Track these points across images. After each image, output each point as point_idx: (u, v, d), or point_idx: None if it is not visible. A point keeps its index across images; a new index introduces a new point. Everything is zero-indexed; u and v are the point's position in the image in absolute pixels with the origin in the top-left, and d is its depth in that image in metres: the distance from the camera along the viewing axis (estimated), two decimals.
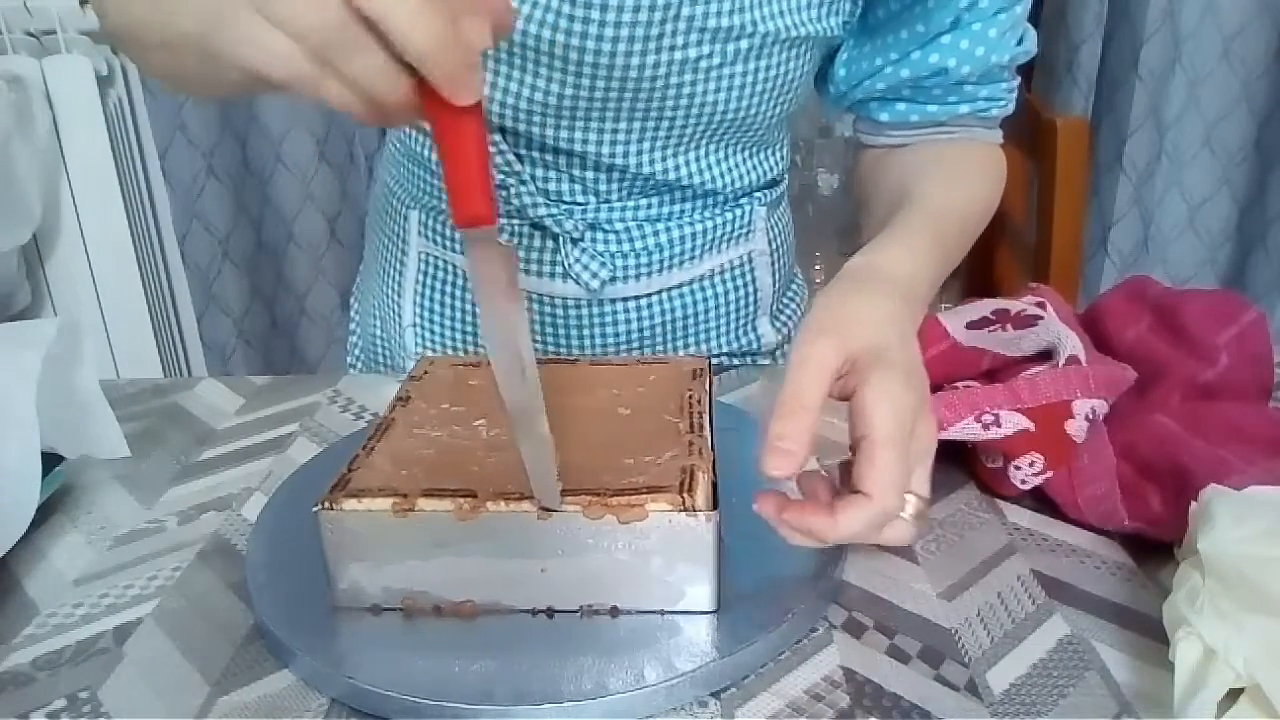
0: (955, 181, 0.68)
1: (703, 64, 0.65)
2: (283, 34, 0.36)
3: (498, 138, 0.70)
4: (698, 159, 0.72)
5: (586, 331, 0.76)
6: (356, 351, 0.92)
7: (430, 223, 0.77)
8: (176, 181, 1.61)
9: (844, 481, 0.47)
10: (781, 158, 0.79)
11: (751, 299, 0.81)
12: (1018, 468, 0.56)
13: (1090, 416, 0.56)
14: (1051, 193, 1.33)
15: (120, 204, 1.60)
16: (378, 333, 0.86)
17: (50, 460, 0.58)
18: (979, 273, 1.48)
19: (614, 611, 0.47)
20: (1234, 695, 0.40)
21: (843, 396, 0.47)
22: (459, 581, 0.46)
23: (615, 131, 0.68)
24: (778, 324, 0.84)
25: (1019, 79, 0.72)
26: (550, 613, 0.47)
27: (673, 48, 0.63)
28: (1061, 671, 0.44)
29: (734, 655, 0.44)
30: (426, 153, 0.74)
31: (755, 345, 0.83)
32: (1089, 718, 0.42)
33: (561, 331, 0.76)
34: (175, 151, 1.60)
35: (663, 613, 0.46)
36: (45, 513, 0.58)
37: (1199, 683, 0.39)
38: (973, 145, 0.73)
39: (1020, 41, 0.68)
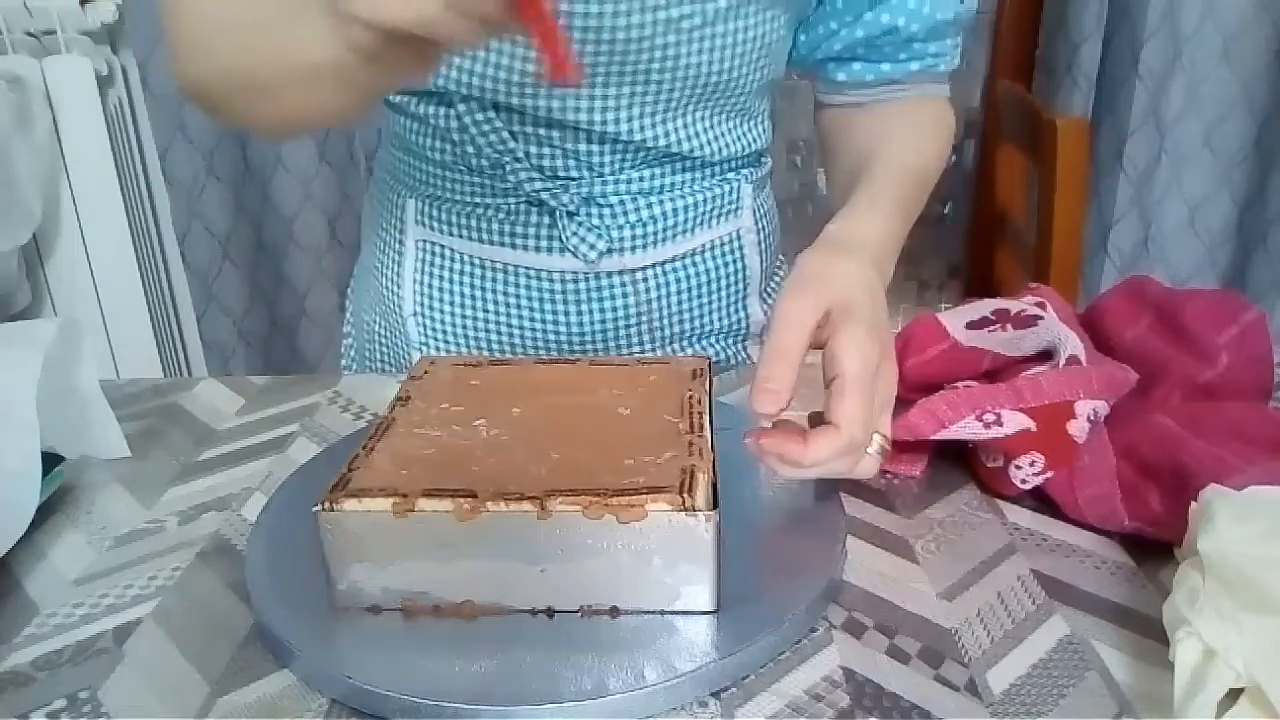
0: (911, 142, 0.73)
1: (685, 24, 0.68)
2: None
3: (491, 114, 0.71)
4: (685, 125, 0.74)
5: (585, 306, 0.77)
6: (352, 353, 0.93)
7: (427, 209, 0.79)
8: (176, 181, 1.61)
9: (814, 427, 0.53)
10: (763, 131, 0.82)
11: (741, 277, 0.83)
12: (1018, 467, 0.56)
13: (1092, 417, 0.56)
14: (1051, 193, 1.33)
15: (120, 204, 1.60)
16: (377, 329, 0.86)
17: (50, 460, 0.58)
18: (979, 273, 1.48)
19: (614, 611, 0.47)
20: (1234, 695, 0.40)
21: (817, 346, 0.53)
22: (459, 581, 0.46)
23: (606, 98, 0.70)
24: (766, 304, 0.87)
25: (961, 36, 0.77)
26: (550, 613, 0.47)
27: (656, 8, 0.66)
28: (1061, 671, 0.44)
29: (734, 655, 0.44)
30: (424, 140, 0.76)
31: (745, 325, 0.85)
32: (1089, 718, 0.42)
33: (560, 306, 0.77)
34: (175, 151, 1.60)
35: (662, 613, 0.46)
36: (45, 513, 0.58)
37: (1199, 683, 0.39)
38: (925, 103, 0.78)
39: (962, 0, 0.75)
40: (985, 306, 0.65)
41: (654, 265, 0.78)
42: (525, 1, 0.44)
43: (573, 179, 0.74)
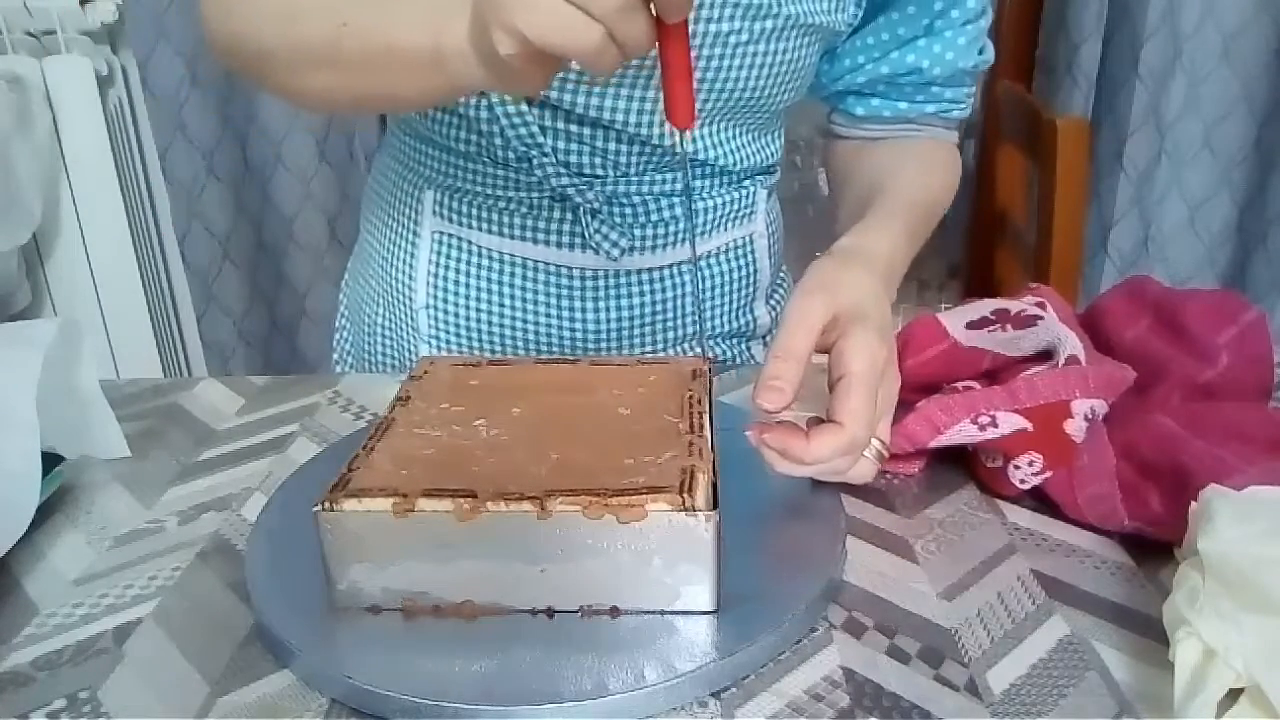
0: (921, 177, 0.75)
1: (732, 39, 0.69)
2: (571, 5, 0.43)
3: (524, 107, 0.71)
4: (712, 134, 0.76)
5: (603, 303, 0.78)
6: (346, 346, 0.93)
7: (446, 201, 0.78)
8: (176, 181, 1.61)
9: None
10: (778, 146, 0.84)
11: (751, 280, 0.84)
12: (1017, 467, 0.56)
13: (1089, 416, 0.56)
14: (1051, 193, 1.33)
15: (120, 204, 1.60)
16: (380, 322, 0.86)
17: (50, 460, 0.58)
18: (979, 273, 1.48)
19: (614, 611, 0.47)
20: (1234, 695, 0.40)
21: (824, 350, 0.54)
22: (459, 581, 0.46)
23: (644, 100, 0.71)
24: (770, 308, 0.88)
25: (975, 88, 0.80)
26: (550, 613, 0.47)
27: (709, 20, 0.68)
28: (1061, 671, 0.44)
29: (734, 655, 0.44)
30: (448, 130, 0.75)
31: (751, 327, 0.86)
32: (1089, 718, 0.42)
33: (578, 303, 0.77)
34: (175, 151, 1.59)
35: (662, 613, 0.46)
36: (45, 513, 0.58)
37: (1199, 683, 0.39)
38: (935, 143, 0.80)
39: (981, 52, 0.78)
40: (985, 306, 0.65)
41: (673, 265, 0.78)
42: (675, 41, 0.46)
43: (598, 177, 0.74)
